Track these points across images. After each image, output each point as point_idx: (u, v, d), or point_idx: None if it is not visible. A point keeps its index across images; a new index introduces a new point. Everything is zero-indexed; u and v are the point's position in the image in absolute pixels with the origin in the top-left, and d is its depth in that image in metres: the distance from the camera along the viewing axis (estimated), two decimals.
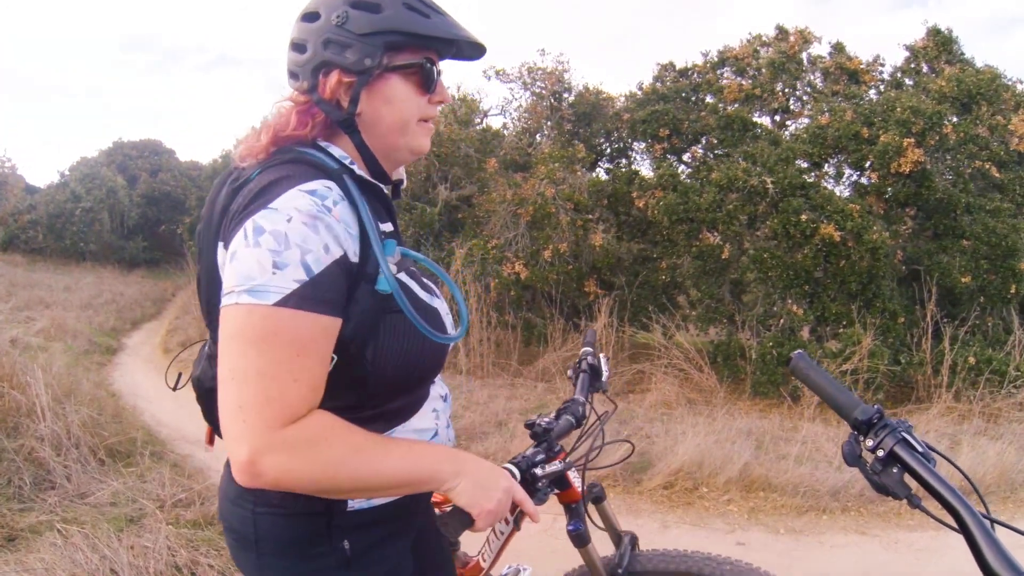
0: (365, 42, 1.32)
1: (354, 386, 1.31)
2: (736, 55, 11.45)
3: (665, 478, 5.27)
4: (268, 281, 1.14)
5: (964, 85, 9.66)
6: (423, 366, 1.40)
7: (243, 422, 1.13)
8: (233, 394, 1.15)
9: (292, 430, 1.15)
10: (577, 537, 1.83)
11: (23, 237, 22.05)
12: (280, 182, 1.23)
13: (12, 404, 5.03)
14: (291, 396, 1.16)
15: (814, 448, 5.76)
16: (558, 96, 11.93)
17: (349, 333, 1.24)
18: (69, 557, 3.46)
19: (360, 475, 1.22)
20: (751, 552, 4.34)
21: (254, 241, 1.16)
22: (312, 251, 1.16)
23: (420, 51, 1.38)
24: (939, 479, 1.19)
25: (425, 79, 1.40)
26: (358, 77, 1.34)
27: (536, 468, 1.58)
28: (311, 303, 1.16)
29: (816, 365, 1.45)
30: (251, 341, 1.14)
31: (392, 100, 1.38)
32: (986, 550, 1.08)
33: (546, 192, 9.32)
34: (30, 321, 11.54)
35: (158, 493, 4.41)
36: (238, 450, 1.14)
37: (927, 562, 4.24)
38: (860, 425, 1.31)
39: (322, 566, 1.40)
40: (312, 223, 1.17)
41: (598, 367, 2.16)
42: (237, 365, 1.15)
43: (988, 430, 6.41)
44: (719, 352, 8.49)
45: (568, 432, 1.86)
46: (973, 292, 8.39)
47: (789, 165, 8.72)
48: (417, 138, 1.44)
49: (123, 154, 28.06)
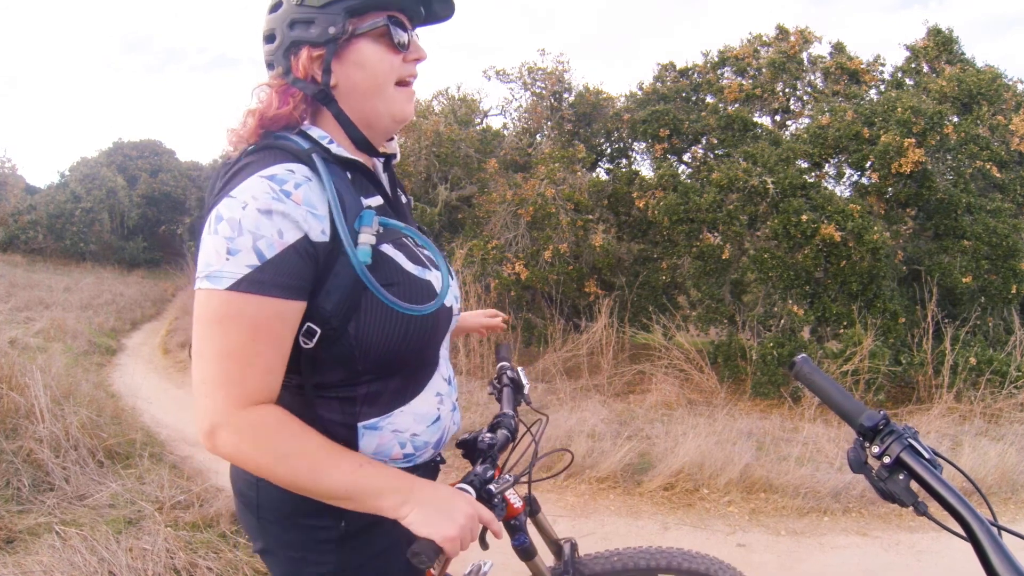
0: (325, 12, 1.35)
1: (342, 361, 1.35)
2: (736, 55, 11.43)
3: (665, 479, 5.26)
4: (223, 267, 1.20)
5: (965, 85, 9.66)
6: (410, 342, 1.39)
7: (205, 397, 1.22)
8: (198, 371, 1.24)
9: (247, 414, 1.23)
10: (523, 551, 1.83)
11: (23, 237, 22.06)
12: (243, 170, 1.29)
13: (11, 405, 5.02)
14: (247, 378, 1.23)
15: (815, 449, 5.75)
16: (558, 96, 11.92)
17: (331, 308, 1.29)
18: (67, 559, 3.45)
19: (299, 477, 1.26)
20: (752, 554, 4.34)
21: (214, 229, 1.22)
22: (265, 236, 1.20)
23: (383, 11, 1.39)
24: (946, 486, 1.18)
25: (394, 37, 1.41)
26: (326, 48, 1.37)
27: (490, 485, 1.55)
28: (262, 287, 1.21)
29: (819, 369, 1.43)
30: (210, 323, 1.22)
31: (364, 64, 1.39)
32: (994, 558, 1.06)
33: (546, 192, 9.32)
34: (29, 322, 11.54)
35: (157, 495, 4.39)
36: (201, 422, 1.24)
37: (928, 564, 4.23)
38: (866, 431, 1.29)
39: (317, 538, 1.46)
40: (267, 208, 1.21)
41: (518, 380, 2.16)
42: (201, 346, 1.23)
43: (989, 431, 6.40)
44: (719, 353, 8.48)
45: (505, 447, 1.86)
46: (974, 292, 8.38)
47: (790, 165, 8.71)
48: (396, 103, 1.44)
49: (123, 154, 28.05)
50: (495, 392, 2.14)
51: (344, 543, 1.47)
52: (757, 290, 9.06)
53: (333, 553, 1.48)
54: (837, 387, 1.41)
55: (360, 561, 1.51)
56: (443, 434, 1.61)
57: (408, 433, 1.49)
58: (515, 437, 1.91)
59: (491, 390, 2.17)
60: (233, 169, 1.33)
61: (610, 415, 6.86)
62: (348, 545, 1.48)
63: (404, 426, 1.48)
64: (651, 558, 2.04)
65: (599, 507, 5.01)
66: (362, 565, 1.52)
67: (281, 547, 1.51)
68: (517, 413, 2.03)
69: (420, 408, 1.50)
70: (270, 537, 1.51)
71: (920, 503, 1.22)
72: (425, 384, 1.52)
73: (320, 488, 1.27)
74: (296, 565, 1.50)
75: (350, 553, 1.49)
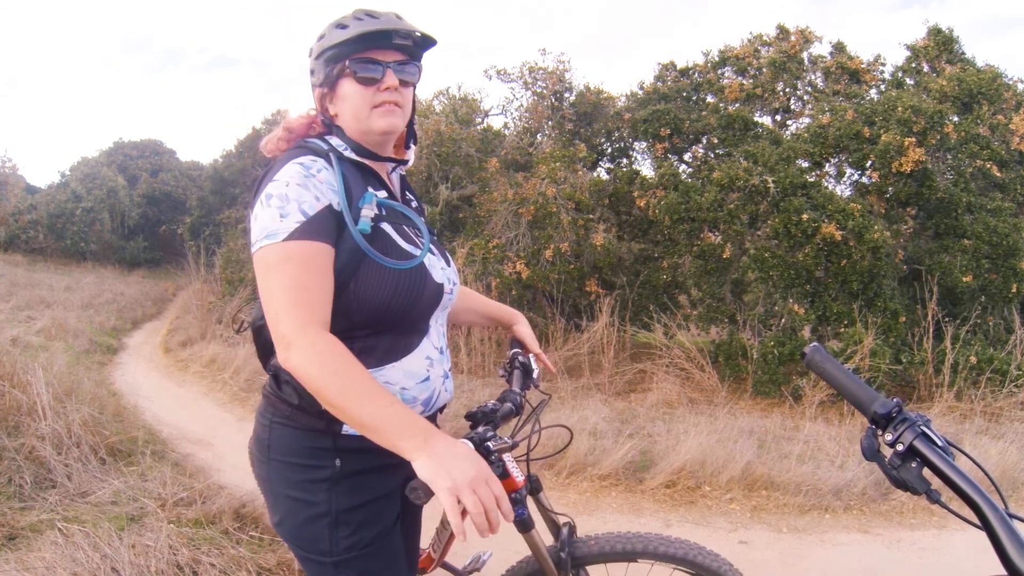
0: (318, 63, 1.77)
1: (343, 313, 1.64)
2: (737, 55, 11.45)
3: (667, 477, 5.26)
4: (278, 227, 1.57)
5: (965, 84, 9.67)
6: (398, 297, 1.69)
7: (279, 324, 1.52)
8: (269, 310, 1.55)
9: (312, 333, 1.51)
10: (521, 523, 1.88)
11: (24, 237, 22.10)
12: (280, 161, 1.69)
13: (13, 403, 5.01)
14: (307, 301, 1.54)
15: (816, 447, 5.75)
16: (559, 96, 11.94)
17: (340, 265, 1.63)
18: (70, 556, 3.44)
19: (343, 396, 1.45)
20: (754, 551, 4.34)
21: (266, 204, 1.60)
22: (306, 201, 1.60)
23: (351, 56, 1.72)
24: (960, 474, 1.17)
25: (360, 76, 1.73)
26: (325, 90, 1.79)
27: (488, 443, 1.66)
28: (309, 234, 1.57)
29: (832, 358, 1.44)
30: (272, 269, 1.56)
31: (345, 98, 1.76)
32: (1008, 545, 1.07)
33: (547, 192, 9.33)
34: (31, 320, 11.55)
35: (159, 492, 4.38)
36: (279, 343, 1.52)
37: (929, 560, 4.23)
38: (879, 419, 1.30)
39: (314, 478, 1.72)
40: (303, 183, 1.61)
41: (528, 365, 2.29)
42: (268, 289, 1.55)
43: (990, 429, 6.40)
44: (720, 352, 8.48)
45: (509, 417, 2.00)
46: (974, 291, 8.39)
47: (790, 165, 8.72)
48: (373, 121, 1.76)
49: (123, 154, 28.11)
50: (505, 375, 2.27)
51: (337, 484, 1.71)
52: (758, 289, 9.05)
53: (326, 492, 1.71)
54: (850, 375, 1.41)
55: (351, 504, 1.73)
56: (432, 394, 1.84)
57: (398, 386, 1.75)
58: (520, 412, 2.04)
59: (502, 373, 2.29)
60: (274, 163, 1.71)
61: (611, 414, 6.86)
62: (340, 486, 1.72)
63: (395, 379, 1.74)
64: (647, 544, 2.10)
65: (601, 504, 5.01)
66: (353, 508, 1.73)
67: (284, 487, 1.75)
68: (524, 395, 2.14)
69: (410, 366, 1.77)
70: (275, 477, 1.77)
71: (933, 491, 1.22)
72: (415, 347, 1.79)
73: (355, 411, 1.45)
74: (294, 506, 1.74)
75: (342, 495, 1.72)
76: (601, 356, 8.70)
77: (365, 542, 1.74)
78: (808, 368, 1.47)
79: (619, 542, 2.11)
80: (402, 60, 1.76)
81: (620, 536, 2.13)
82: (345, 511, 1.72)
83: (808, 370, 1.43)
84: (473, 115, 12.56)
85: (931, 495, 1.22)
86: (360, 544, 1.73)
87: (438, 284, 1.81)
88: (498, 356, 8.98)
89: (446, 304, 1.89)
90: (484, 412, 1.89)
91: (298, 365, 1.48)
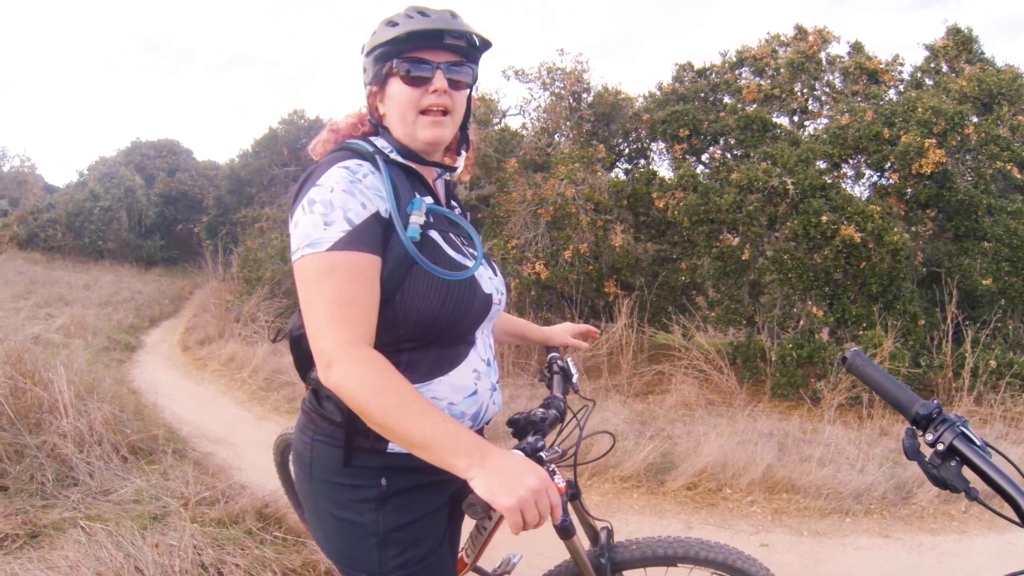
0: (369, 60, 1.73)
1: (388, 326, 1.58)
2: (754, 55, 11.42)
3: (689, 479, 5.25)
4: (322, 236, 1.49)
5: (985, 85, 9.61)
6: (446, 309, 1.61)
7: (320, 339, 1.46)
8: (311, 323, 1.48)
9: (356, 350, 1.45)
10: (563, 530, 1.86)
11: (43, 235, 22.28)
12: (324, 164, 1.60)
13: (35, 400, 5.03)
14: (351, 316, 1.47)
15: (836, 451, 5.72)
16: (577, 96, 11.93)
17: (386, 274, 1.55)
18: (93, 554, 3.44)
19: (389, 415, 1.41)
20: (775, 553, 4.32)
21: (309, 210, 1.52)
22: (352, 209, 1.52)
23: (401, 54, 1.66)
24: (1000, 472, 1.20)
25: (408, 75, 1.66)
26: (375, 88, 1.73)
27: (541, 453, 1.64)
28: (354, 245, 1.50)
29: (871, 362, 1.46)
30: (315, 280, 1.48)
31: (392, 97, 1.69)
32: None
33: (566, 192, 9.32)
34: (50, 318, 11.63)
35: (182, 491, 4.39)
36: (319, 360, 1.46)
37: (950, 565, 4.20)
38: (920, 420, 1.32)
39: (359, 497, 1.66)
40: (349, 189, 1.53)
41: (567, 369, 2.28)
42: (309, 299, 1.49)
43: (1009, 434, 6.36)
44: (738, 353, 8.46)
45: (555, 425, 1.97)
46: (994, 294, 8.34)
47: (809, 166, 8.69)
48: (418, 128, 1.69)
49: (141, 154, 28.23)
50: (545, 379, 2.26)
51: (384, 503, 1.65)
52: (776, 291, 9.02)
53: (373, 512, 1.65)
54: (890, 378, 1.44)
55: (399, 523, 1.67)
56: (480, 408, 1.78)
57: (446, 401, 1.68)
58: (563, 418, 2.02)
59: (541, 377, 2.29)
60: (314, 167, 1.62)
61: (631, 415, 6.85)
62: (388, 506, 1.66)
63: (442, 394, 1.67)
64: (690, 548, 2.10)
65: (623, 506, 5.01)
66: (401, 527, 1.67)
67: (328, 507, 1.69)
68: (565, 399, 2.13)
69: (457, 380, 1.70)
70: (319, 497, 1.71)
71: (972, 489, 1.24)
72: (462, 360, 1.71)
73: (403, 430, 1.41)
74: (340, 526, 1.69)
75: (390, 514, 1.66)
76: (620, 357, 8.69)
77: (415, 560, 1.69)
78: (849, 372, 1.48)
79: (660, 546, 2.11)
80: (454, 61, 1.69)
81: (660, 540, 2.13)
82: (393, 531, 1.66)
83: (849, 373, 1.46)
84: (491, 115, 12.54)
85: (970, 493, 1.24)
86: (411, 563, 1.68)
87: (487, 295, 1.74)
88: (517, 357, 8.98)
89: (494, 315, 1.82)
90: (531, 420, 1.88)
91: (340, 383, 1.43)
